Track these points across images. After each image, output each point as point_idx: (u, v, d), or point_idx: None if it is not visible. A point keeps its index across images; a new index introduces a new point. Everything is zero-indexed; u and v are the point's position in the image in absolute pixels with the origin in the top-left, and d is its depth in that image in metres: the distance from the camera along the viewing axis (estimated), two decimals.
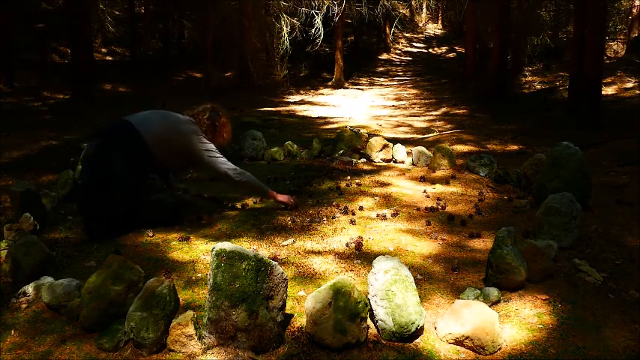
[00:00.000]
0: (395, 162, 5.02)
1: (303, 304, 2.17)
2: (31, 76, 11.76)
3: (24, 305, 2.26)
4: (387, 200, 3.82)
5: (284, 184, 4.19)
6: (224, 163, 3.29)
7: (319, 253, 2.86)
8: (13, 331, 2.09)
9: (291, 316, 2.14)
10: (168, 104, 8.13)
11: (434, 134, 7.06)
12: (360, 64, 17.76)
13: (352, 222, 3.32)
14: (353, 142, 5.21)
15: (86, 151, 3.15)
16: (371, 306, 2.04)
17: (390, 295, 1.97)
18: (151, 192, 3.21)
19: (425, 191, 4.03)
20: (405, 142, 5.75)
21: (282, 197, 3.51)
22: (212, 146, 3.30)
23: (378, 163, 4.97)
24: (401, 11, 16.28)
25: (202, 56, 12.64)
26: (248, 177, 3.34)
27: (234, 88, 12.15)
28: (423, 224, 3.34)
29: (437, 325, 2.07)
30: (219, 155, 3.30)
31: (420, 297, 2.06)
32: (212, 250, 1.92)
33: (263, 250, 2.89)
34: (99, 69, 12.83)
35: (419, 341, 2.01)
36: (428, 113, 9.66)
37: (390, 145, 5.08)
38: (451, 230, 3.24)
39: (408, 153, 5.02)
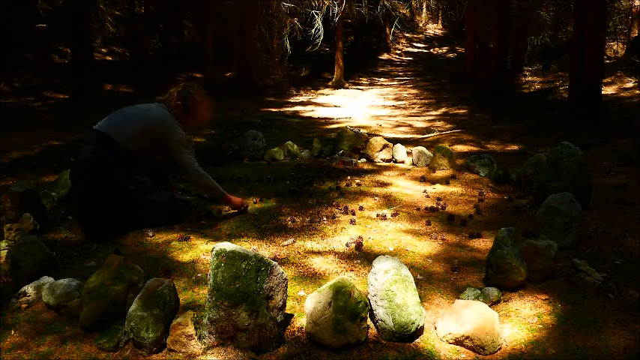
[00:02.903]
0: (395, 162, 5.02)
1: (303, 304, 2.17)
2: (31, 76, 11.76)
3: (24, 305, 2.26)
4: (387, 200, 3.82)
5: (284, 184, 4.20)
6: (188, 163, 3.18)
7: (319, 253, 2.86)
8: (13, 331, 2.09)
9: (291, 316, 2.14)
10: None
11: (434, 134, 7.06)
12: (360, 64, 17.75)
13: (352, 222, 3.32)
14: (353, 142, 5.21)
15: (82, 156, 3.09)
16: (371, 306, 2.04)
17: (390, 295, 1.97)
18: (146, 192, 3.18)
19: (425, 191, 4.03)
20: (405, 142, 5.75)
21: (234, 202, 3.39)
22: (182, 137, 3.17)
23: (378, 163, 4.97)
24: (401, 11, 16.25)
25: (202, 56, 12.63)
26: (206, 180, 3.25)
27: (234, 88, 12.15)
28: (423, 224, 3.34)
29: (437, 325, 2.07)
30: (186, 150, 3.18)
31: (420, 297, 2.07)
32: (212, 250, 1.92)
33: (263, 250, 2.89)
34: (99, 69, 12.83)
35: (419, 341, 2.01)
36: (428, 113, 9.65)
37: (390, 145, 5.08)
38: (451, 230, 3.24)
39: (408, 153, 5.02)
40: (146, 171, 3.25)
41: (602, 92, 7.32)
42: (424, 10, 28.02)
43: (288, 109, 10.22)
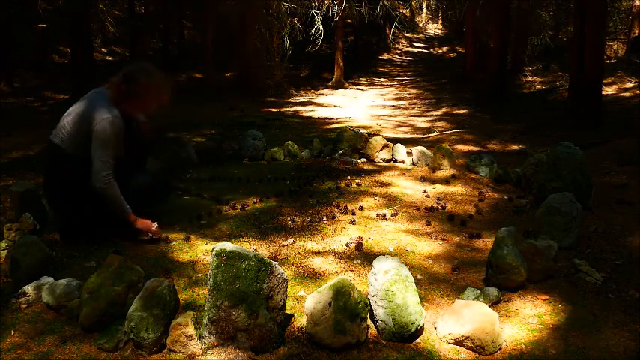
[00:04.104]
0: (395, 162, 5.02)
1: (303, 304, 2.17)
2: (31, 76, 11.76)
3: (24, 305, 2.26)
4: (388, 200, 3.82)
5: (284, 184, 4.20)
6: (97, 169, 2.75)
7: (319, 253, 2.86)
8: (13, 331, 2.09)
9: (291, 316, 2.14)
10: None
11: (434, 134, 7.05)
12: (360, 65, 17.73)
13: (352, 222, 3.31)
14: (353, 142, 5.21)
15: (46, 179, 3.01)
16: (371, 306, 2.04)
17: (390, 295, 1.97)
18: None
19: (425, 191, 4.03)
20: (405, 142, 5.75)
21: (141, 224, 2.90)
22: (106, 135, 2.74)
23: (378, 163, 4.97)
24: (401, 11, 16.26)
25: (202, 56, 12.63)
26: (110, 192, 2.79)
27: (234, 88, 12.14)
28: (423, 224, 3.34)
29: (437, 325, 2.07)
30: (104, 152, 2.76)
31: (420, 297, 2.07)
32: (212, 250, 1.91)
33: (263, 250, 2.89)
34: (99, 69, 12.81)
35: (419, 341, 2.01)
36: (428, 113, 9.65)
37: (390, 145, 5.08)
38: (451, 230, 3.24)
39: (409, 153, 5.02)
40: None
41: (602, 92, 7.32)
42: (424, 10, 28.04)
43: (288, 109, 10.22)
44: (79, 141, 2.83)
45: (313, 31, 12.28)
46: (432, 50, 23.51)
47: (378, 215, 3.45)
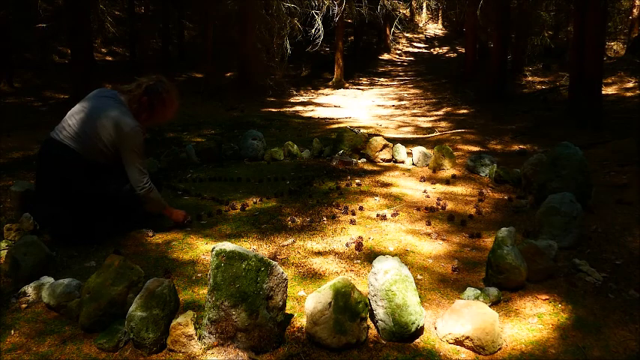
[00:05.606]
0: (395, 162, 5.02)
1: (303, 304, 2.17)
2: (31, 76, 11.75)
3: (24, 305, 2.26)
4: (388, 200, 3.82)
5: (284, 184, 4.20)
6: (136, 180, 2.92)
7: (319, 253, 2.86)
8: (13, 332, 2.09)
9: (291, 316, 2.14)
10: None
11: (435, 134, 7.05)
12: (360, 65, 17.74)
13: (352, 222, 3.32)
14: (353, 142, 5.21)
15: (51, 179, 2.95)
16: (371, 306, 2.04)
17: (390, 295, 1.97)
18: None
19: (425, 191, 4.03)
20: (405, 142, 5.75)
21: (176, 215, 3.19)
22: (138, 146, 2.90)
23: (378, 163, 4.97)
24: (401, 11, 16.24)
25: (202, 56, 12.63)
26: (152, 195, 3.00)
27: (234, 88, 12.14)
28: (424, 224, 3.34)
29: (437, 325, 2.07)
30: (139, 160, 2.91)
31: (420, 297, 2.07)
32: (212, 250, 1.92)
33: (263, 250, 2.89)
34: (99, 69, 12.82)
35: (419, 341, 2.01)
36: (428, 113, 9.65)
37: (391, 145, 5.08)
38: (451, 230, 3.24)
39: (409, 153, 5.02)
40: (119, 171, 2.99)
41: (603, 92, 7.32)
42: (424, 10, 28.03)
43: (288, 109, 10.22)
44: (87, 142, 2.88)
45: (313, 31, 12.28)
46: (432, 50, 23.49)
47: (378, 215, 3.45)
